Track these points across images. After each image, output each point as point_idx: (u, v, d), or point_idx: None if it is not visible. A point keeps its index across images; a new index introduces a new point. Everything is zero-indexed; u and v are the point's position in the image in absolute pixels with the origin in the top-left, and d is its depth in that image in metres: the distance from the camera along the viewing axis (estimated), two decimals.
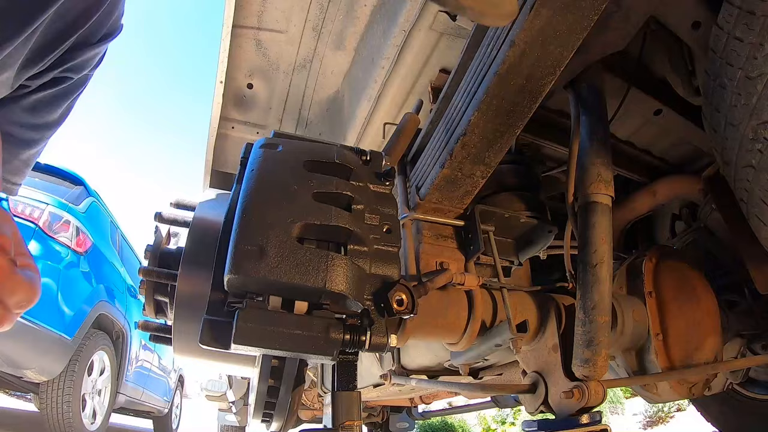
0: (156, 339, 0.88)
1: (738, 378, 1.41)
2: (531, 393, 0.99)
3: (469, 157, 0.89)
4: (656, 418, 5.40)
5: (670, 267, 1.17)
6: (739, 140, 0.76)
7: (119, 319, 4.30)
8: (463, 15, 0.32)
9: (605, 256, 0.88)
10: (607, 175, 0.91)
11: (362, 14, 1.39)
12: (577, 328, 0.89)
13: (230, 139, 1.85)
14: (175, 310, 0.79)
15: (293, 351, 0.62)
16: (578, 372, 0.88)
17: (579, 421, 0.86)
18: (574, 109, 0.98)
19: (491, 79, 0.77)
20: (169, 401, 6.38)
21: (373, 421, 4.00)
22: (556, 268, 1.49)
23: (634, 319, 1.09)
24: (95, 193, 4.25)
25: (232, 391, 4.29)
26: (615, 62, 1.06)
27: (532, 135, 1.20)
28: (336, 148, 0.76)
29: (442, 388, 1.50)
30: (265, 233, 0.62)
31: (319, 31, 1.47)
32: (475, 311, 0.98)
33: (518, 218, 1.03)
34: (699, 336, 1.12)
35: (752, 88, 0.71)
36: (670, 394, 1.13)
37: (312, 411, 3.32)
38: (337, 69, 1.59)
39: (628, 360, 1.13)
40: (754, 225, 0.86)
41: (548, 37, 0.71)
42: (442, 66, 1.32)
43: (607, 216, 0.90)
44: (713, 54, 0.77)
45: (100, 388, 3.99)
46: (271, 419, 0.82)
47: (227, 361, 0.92)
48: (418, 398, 2.88)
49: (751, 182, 0.79)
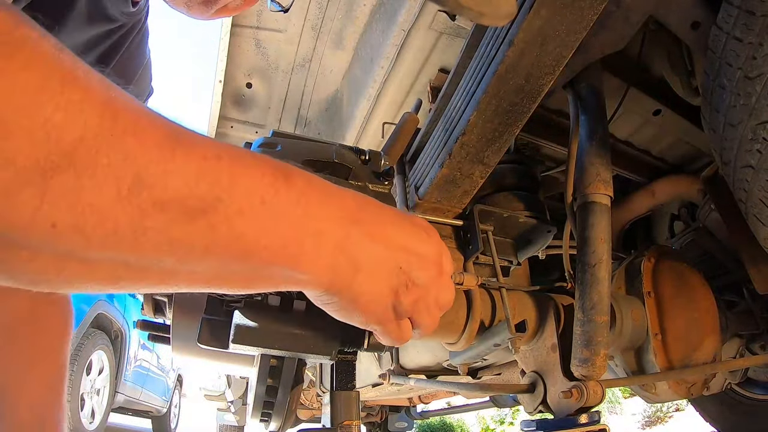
0: (155, 338, 0.88)
1: (737, 378, 1.41)
2: (530, 393, 0.99)
3: (468, 157, 0.89)
4: (655, 418, 5.40)
5: (669, 267, 1.17)
6: (738, 140, 0.76)
7: (118, 318, 4.29)
8: (462, 15, 0.32)
9: (604, 256, 0.88)
10: (606, 175, 0.91)
11: (361, 14, 1.39)
12: (576, 328, 0.89)
13: (229, 138, 1.85)
14: (173, 310, 0.79)
15: (292, 351, 0.62)
16: (577, 372, 0.88)
17: (578, 421, 0.86)
18: (573, 108, 0.98)
19: (490, 78, 0.77)
20: (167, 401, 6.37)
21: (371, 420, 4.01)
22: (555, 268, 1.49)
23: (632, 319, 1.09)
24: None
25: (231, 390, 4.28)
26: (614, 62, 1.06)
27: (531, 135, 1.20)
28: (335, 147, 0.76)
29: (441, 387, 1.50)
30: None
31: (319, 30, 1.47)
32: (473, 311, 0.98)
33: (517, 218, 1.03)
34: (698, 336, 1.12)
35: (751, 89, 0.71)
36: (669, 394, 1.13)
37: (311, 410, 3.32)
38: (336, 68, 1.59)
39: (626, 360, 1.13)
40: (753, 225, 0.86)
41: (547, 37, 0.71)
42: (441, 65, 1.32)
43: (606, 216, 0.90)
44: (712, 54, 0.77)
45: (98, 388, 3.99)
46: (269, 419, 0.82)
47: (226, 360, 0.92)
48: (416, 398, 2.88)
49: (750, 182, 0.79)
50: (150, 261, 0.34)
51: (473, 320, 0.97)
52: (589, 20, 0.70)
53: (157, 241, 0.33)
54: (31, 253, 0.30)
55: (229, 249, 0.36)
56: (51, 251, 0.31)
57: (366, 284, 0.45)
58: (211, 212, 0.35)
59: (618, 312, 1.07)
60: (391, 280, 0.47)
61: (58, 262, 0.32)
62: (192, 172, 0.34)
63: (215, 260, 0.36)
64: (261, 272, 0.40)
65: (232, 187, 0.36)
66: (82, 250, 0.31)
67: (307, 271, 0.41)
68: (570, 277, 1.12)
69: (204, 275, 0.38)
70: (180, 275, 0.37)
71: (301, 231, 0.40)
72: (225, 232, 0.35)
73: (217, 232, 0.35)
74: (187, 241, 0.34)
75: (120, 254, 0.33)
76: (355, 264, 0.44)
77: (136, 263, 0.34)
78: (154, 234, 0.32)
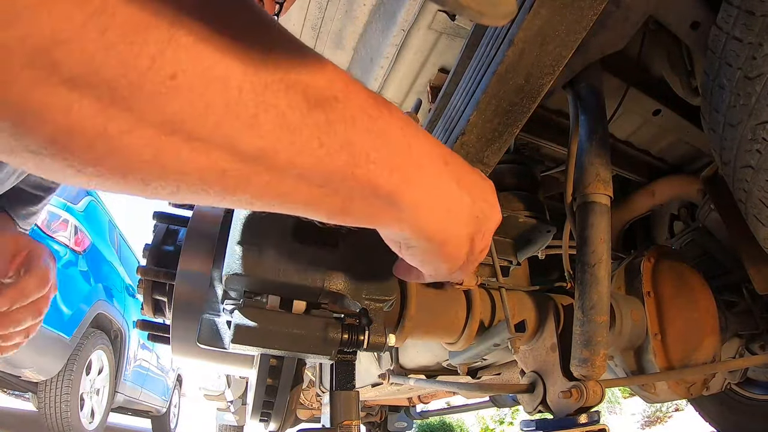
0: (154, 338, 0.88)
1: (736, 378, 1.41)
2: (529, 393, 0.99)
3: (468, 157, 0.89)
4: (654, 418, 5.40)
5: (668, 267, 1.17)
6: (738, 141, 0.76)
7: (117, 318, 4.30)
8: (462, 14, 0.32)
9: (604, 255, 0.88)
10: (605, 175, 0.91)
11: (361, 13, 1.39)
12: (576, 328, 0.89)
13: None
14: (173, 310, 0.79)
15: (291, 351, 0.62)
16: (576, 372, 0.88)
17: (577, 421, 0.86)
18: (573, 108, 0.98)
19: (490, 78, 0.77)
20: (167, 400, 6.38)
21: (371, 420, 4.01)
22: (554, 267, 1.49)
23: (632, 319, 1.09)
24: (93, 192, 4.25)
25: (231, 390, 4.28)
26: (614, 62, 1.06)
27: (530, 135, 1.20)
28: None
29: (441, 387, 1.50)
30: (264, 232, 0.62)
31: (318, 30, 1.47)
32: (473, 311, 0.98)
33: (517, 218, 1.03)
34: (697, 336, 1.12)
35: (751, 89, 0.71)
36: (669, 394, 1.13)
37: (310, 410, 3.32)
38: None
39: (626, 360, 1.13)
40: (753, 225, 0.86)
41: (547, 36, 0.71)
42: (441, 65, 1.32)
43: (606, 216, 0.90)
44: (712, 54, 0.77)
45: (98, 388, 3.99)
46: (269, 419, 0.82)
47: (225, 361, 0.92)
48: (416, 398, 2.88)
49: (750, 183, 0.79)
50: (264, 150, 0.30)
51: (473, 320, 0.97)
52: (589, 20, 0.70)
53: (276, 124, 0.30)
54: (133, 117, 0.25)
55: (340, 154, 0.34)
56: (157, 116, 0.26)
57: (452, 228, 0.45)
58: (329, 108, 0.33)
59: (618, 312, 1.07)
60: (470, 227, 0.47)
61: (158, 136, 0.26)
62: (314, 62, 0.33)
63: (324, 166, 0.33)
64: (362, 194, 0.37)
65: (346, 93, 0.34)
66: (195, 120, 0.27)
67: (408, 205, 0.40)
68: (570, 277, 1.12)
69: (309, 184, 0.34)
70: (287, 179, 0.33)
71: (406, 159, 0.39)
72: (340, 133, 0.33)
73: (331, 131, 0.33)
74: (306, 133, 0.32)
75: (233, 133, 0.29)
76: (448, 208, 0.44)
77: (247, 150, 0.30)
78: (274, 114, 0.30)
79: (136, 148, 0.26)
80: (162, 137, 0.27)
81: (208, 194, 0.32)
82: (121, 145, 0.26)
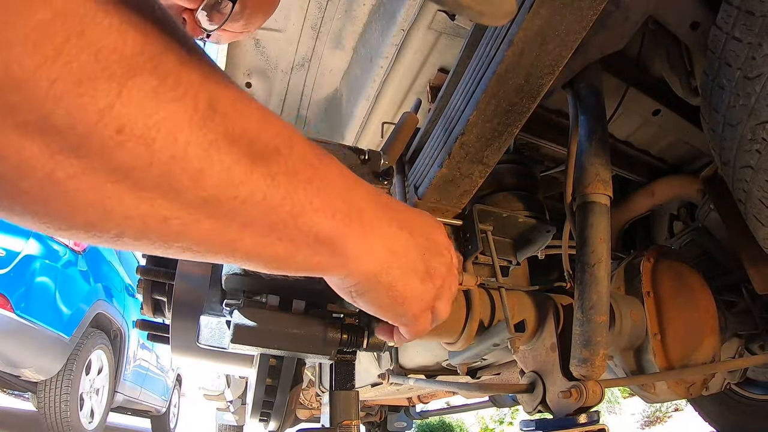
0: (154, 338, 0.88)
1: (736, 378, 1.41)
2: (529, 392, 0.99)
3: (468, 157, 0.89)
4: (654, 418, 5.40)
5: (668, 267, 1.17)
6: (738, 141, 0.77)
7: (117, 318, 4.29)
8: (462, 14, 0.32)
9: (603, 255, 0.88)
10: (605, 174, 0.91)
11: (361, 13, 1.39)
12: (575, 327, 0.89)
13: None
14: (172, 309, 0.79)
15: (291, 350, 0.62)
16: (576, 372, 0.88)
17: (577, 421, 0.86)
18: (573, 108, 0.98)
19: (490, 78, 0.77)
20: (167, 400, 6.38)
21: (371, 420, 4.01)
22: (554, 267, 1.49)
23: (632, 319, 1.09)
24: None
25: (230, 390, 4.28)
26: (614, 62, 1.06)
27: (530, 135, 1.20)
28: (334, 146, 0.76)
29: (440, 387, 1.50)
30: None
31: (318, 30, 1.47)
32: (473, 311, 0.98)
33: (516, 218, 1.03)
34: (697, 336, 1.12)
35: (751, 89, 0.71)
36: (668, 394, 1.13)
37: (310, 410, 3.32)
38: (336, 68, 1.59)
39: (626, 360, 1.13)
40: (752, 225, 0.86)
41: (547, 36, 0.71)
42: (441, 65, 1.32)
43: (606, 216, 0.90)
44: (712, 54, 0.77)
45: (98, 387, 3.99)
46: (268, 418, 0.82)
47: (225, 360, 0.92)
48: (416, 398, 2.88)
49: (750, 183, 0.79)
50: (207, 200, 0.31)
51: (472, 320, 0.97)
52: (589, 20, 0.70)
53: (220, 179, 0.31)
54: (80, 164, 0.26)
55: (283, 205, 0.34)
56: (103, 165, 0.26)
57: (400, 270, 0.45)
58: (272, 162, 0.33)
59: (617, 312, 1.07)
60: (418, 267, 0.47)
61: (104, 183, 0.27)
62: (258, 116, 0.33)
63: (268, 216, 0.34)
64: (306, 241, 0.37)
65: (289, 145, 0.35)
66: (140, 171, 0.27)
67: (351, 248, 0.40)
68: (569, 276, 1.12)
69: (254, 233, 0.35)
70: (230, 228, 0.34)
71: (347, 205, 0.39)
72: (282, 185, 0.34)
73: (273, 183, 0.33)
74: (250, 186, 0.32)
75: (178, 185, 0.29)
76: (391, 249, 0.44)
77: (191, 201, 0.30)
78: (219, 170, 0.30)
79: (81, 193, 0.27)
80: (107, 185, 0.27)
81: (152, 241, 0.32)
82: (67, 188, 0.26)
